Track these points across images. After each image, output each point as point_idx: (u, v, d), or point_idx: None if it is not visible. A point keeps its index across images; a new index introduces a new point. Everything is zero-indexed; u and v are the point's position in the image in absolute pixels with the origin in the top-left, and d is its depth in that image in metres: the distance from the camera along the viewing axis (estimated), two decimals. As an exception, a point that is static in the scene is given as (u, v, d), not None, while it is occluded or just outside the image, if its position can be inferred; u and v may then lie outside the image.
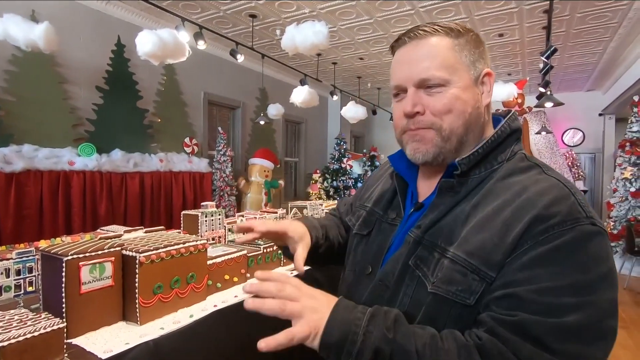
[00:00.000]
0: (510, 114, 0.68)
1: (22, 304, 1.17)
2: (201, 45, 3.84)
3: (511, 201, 0.57)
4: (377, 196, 0.79)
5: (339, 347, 0.51)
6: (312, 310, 0.52)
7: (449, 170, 0.63)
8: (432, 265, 0.59)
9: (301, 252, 0.74)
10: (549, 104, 3.51)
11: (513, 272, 0.52)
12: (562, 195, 0.55)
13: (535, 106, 4.00)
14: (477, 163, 0.63)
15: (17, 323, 0.89)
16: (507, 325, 0.49)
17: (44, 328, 0.88)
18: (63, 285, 1.01)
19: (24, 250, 1.32)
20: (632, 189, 4.68)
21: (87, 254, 1.06)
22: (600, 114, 7.47)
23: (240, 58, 4.34)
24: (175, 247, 1.24)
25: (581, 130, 7.89)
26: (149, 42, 2.64)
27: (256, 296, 0.54)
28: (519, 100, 6.64)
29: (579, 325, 0.48)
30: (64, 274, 1.01)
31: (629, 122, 4.85)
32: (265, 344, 0.49)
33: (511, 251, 0.53)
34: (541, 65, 4.02)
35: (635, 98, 4.79)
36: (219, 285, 1.45)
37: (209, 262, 1.41)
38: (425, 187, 0.70)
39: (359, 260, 0.74)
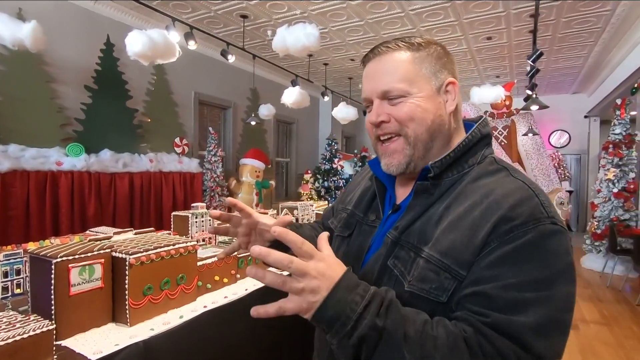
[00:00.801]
0: (481, 120, 0.72)
1: (10, 307, 1.17)
2: (192, 45, 3.83)
3: (479, 203, 0.60)
4: (357, 199, 0.83)
5: (330, 324, 0.53)
6: (311, 292, 0.52)
7: (422, 173, 0.67)
8: (408, 264, 0.63)
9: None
10: (534, 107, 3.59)
11: (481, 270, 0.56)
12: (526, 197, 0.59)
13: (522, 109, 4.08)
14: (449, 166, 0.66)
15: (6, 325, 0.89)
16: (484, 324, 0.53)
17: (33, 330, 0.89)
18: (52, 287, 1.02)
19: (11, 252, 1.31)
20: (615, 190, 4.80)
21: (77, 256, 1.07)
22: (585, 116, 7.64)
23: (231, 58, 4.34)
24: (165, 248, 1.25)
25: (567, 132, 8.06)
26: (139, 43, 2.62)
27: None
28: (507, 102, 6.74)
29: (541, 319, 0.52)
30: (53, 275, 1.02)
31: (612, 124, 4.98)
32: (256, 312, 0.53)
33: (479, 250, 0.57)
34: (528, 68, 4.11)
35: (618, 101, 4.92)
36: (209, 286, 1.47)
37: (199, 263, 1.42)
38: (402, 190, 0.74)
39: (341, 260, 0.76)
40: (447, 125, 0.68)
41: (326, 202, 3.62)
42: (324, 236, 0.61)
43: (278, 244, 0.68)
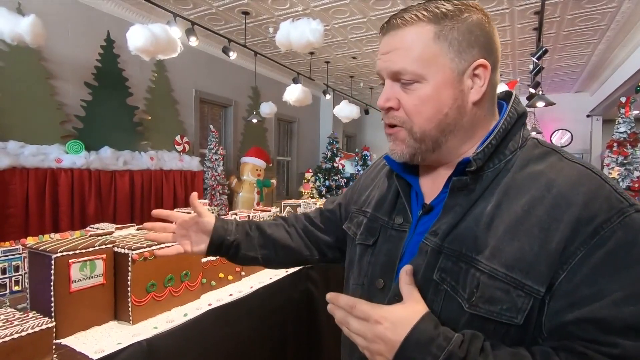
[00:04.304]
0: (514, 97, 0.61)
1: (8, 304, 1.13)
2: (193, 41, 3.79)
3: (541, 198, 0.51)
4: (378, 200, 0.72)
5: None
6: (378, 354, 0.51)
7: (459, 167, 0.57)
8: (460, 278, 0.54)
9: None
10: (540, 104, 3.55)
11: (577, 288, 0.47)
12: (596, 186, 0.51)
13: (527, 106, 4.04)
14: (490, 155, 0.57)
15: (4, 323, 0.85)
16: (611, 357, 0.45)
17: (32, 328, 0.84)
18: (52, 283, 0.97)
19: (9, 248, 1.27)
20: (619, 189, 4.77)
21: (77, 251, 1.03)
22: (587, 115, 7.60)
23: (233, 55, 4.29)
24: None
25: (569, 131, 8.02)
26: (141, 37, 2.58)
27: None
28: (510, 101, 6.71)
29: None
30: (52, 271, 0.97)
31: (616, 122, 4.95)
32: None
33: (559, 260, 0.48)
34: (531, 67, 4.07)
35: (622, 99, 4.88)
36: (213, 283, 1.43)
37: (204, 260, 1.38)
38: (430, 186, 0.64)
39: (367, 272, 0.68)
40: (466, 117, 0.58)
41: (328, 200, 3.60)
42: (406, 279, 0.55)
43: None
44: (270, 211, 2.48)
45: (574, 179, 0.52)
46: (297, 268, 1.77)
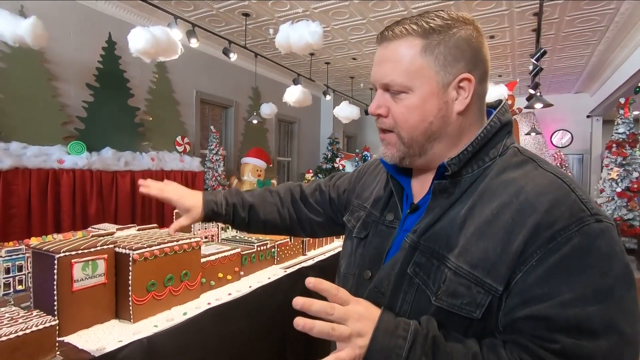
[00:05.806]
0: (500, 106, 0.65)
1: (12, 303, 1.16)
2: (194, 43, 3.82)
3: (509, 203, 0.55)
4: (375, 197, 0.78)
5: None
6: (358, 335, 0.53)
7: (439, 171, 0.61)
8: (431, 273, 0.58)
9: (179, 221, 0.91)
10: (538, 105, 3.57)
11: (530, 288, 0.51)
12: (562, 194, 0.54)
13: (525, 107, 4.06)
14: (468, 161, 0.61)
15: (8, 321, 0.87)
16: (551, 352, 0.49)
17: (36, 326, 0.87)
18: (55, 282, 1.00)
19: (13, 248, 1.29)
20: (618, 189, 4.78)
21: (80, 251, 1.05)
22: (588, 116, 7.61)
23: (233, 57, 4.32)
24: (169, 244, 1.24)
25: (569, 132, 8.03)
26: (142, 39, 2.61)
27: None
28: (509, 102, 6.73)
29: (612, 342, 0.48)
30: (55, 271, 1.00)
31: (615, 123, 4.96)
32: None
33: (517, 262, 0.52)
34: (531, 67, 4.09)
35: (622, 100, 4.90)
36: (212, 283, 1.45)
37: (203, 260, 1.40)
38: (419, 187, 0.70)
39: (359, 263, 0.73)
40: (451, 126, 0.62)
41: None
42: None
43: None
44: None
45: (542, 187, 0.55)
46: (296, 268, 1.80)
